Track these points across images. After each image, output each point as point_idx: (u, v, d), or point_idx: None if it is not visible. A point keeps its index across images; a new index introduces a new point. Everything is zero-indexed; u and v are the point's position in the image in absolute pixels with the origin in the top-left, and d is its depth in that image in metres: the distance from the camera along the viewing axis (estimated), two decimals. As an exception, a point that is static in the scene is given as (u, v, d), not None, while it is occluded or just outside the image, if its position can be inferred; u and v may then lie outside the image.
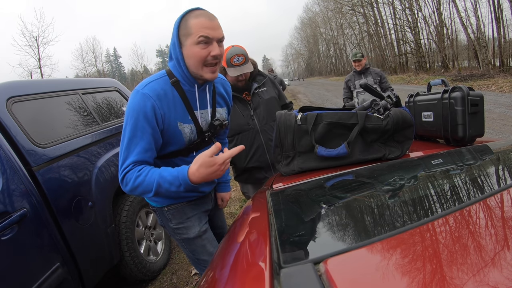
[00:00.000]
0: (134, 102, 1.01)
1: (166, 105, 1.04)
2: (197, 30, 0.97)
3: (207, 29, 0.98)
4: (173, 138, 1.09)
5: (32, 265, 1.43)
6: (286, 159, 1.24)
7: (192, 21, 0.98)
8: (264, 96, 1.84)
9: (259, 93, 1.84)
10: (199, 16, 0.99)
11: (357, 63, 3.72)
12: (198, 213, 1.28)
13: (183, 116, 1.09)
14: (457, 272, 0.39)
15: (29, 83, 1.93)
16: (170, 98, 1.06)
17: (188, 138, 1.12)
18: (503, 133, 4.87)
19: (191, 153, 1.16)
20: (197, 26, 0.97)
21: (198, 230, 1.25)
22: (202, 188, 1.26)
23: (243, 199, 3.61)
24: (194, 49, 1.00)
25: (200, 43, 0.99)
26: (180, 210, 1.24)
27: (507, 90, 9.60)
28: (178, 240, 1.28)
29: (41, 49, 25.74)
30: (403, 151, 1.19)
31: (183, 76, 1.07)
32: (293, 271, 0.44)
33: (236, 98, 1.77)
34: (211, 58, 1.01)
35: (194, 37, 0.98)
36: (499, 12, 15.69)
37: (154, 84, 1.04)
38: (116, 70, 71.02)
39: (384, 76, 3.72)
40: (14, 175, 1.46)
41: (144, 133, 1.00)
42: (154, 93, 1.02)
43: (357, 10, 30.37)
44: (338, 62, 50.64)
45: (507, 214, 0.54)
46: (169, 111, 1.05)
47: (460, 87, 1.23)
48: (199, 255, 1.27)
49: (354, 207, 0.76)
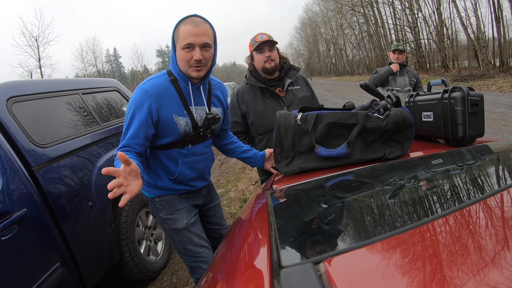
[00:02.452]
0: (134, 96, 1.19)
1: (163, 99, 1.19)
2: (183, 36, 1.14)
3: (191, 36, 1.13)
4: (169, 129, 1.22)
5: (32, 265, 1.43)
6: (286, 159, 1.24)
7: (181, 28, 1.15)
8: (298, 94, 1.80)
9: (293, 90, 1.80)
10: (187, 23, 1.14)
11: (397, 55, 3.23)
12: (187, 206, 1.37)
13: (178, 110, 1.23)
14: (457, 272, 0.39)
15: (29, 83, 1.93)
16: (167, 93, 1.20)
17: (183, 130, 1.24)
18: (503, 133, 4.88)
19: (186, 145, 1.28)
20: (184, 33, 1.14)
21: (186, 222, 1.35)
22: (193, 182, 1.36)
23: (243, 199, 3.61)
24: (181, 53, 1.16)
25: (185, 48, 1.14)
26: (170, 202, 1.34)
27: (507, 90, 9.60)
28: (167, 229, 1.38)
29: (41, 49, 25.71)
30: (403, 151, 1.19)
31: (178, 75, 1.23)
32: (293, 271, 0.44)
33: (268, 93, 1.75)
34: (194, 62, 1.16)
35: (181, 43, 1.15)
36: (499, 12, 15.69)
37: (154, 81, 1.21)
38: (116, 70, 71.00)
39: (420, 80, 3.31)
40: (14, 175, 1.46)
41: (137, 123, 1.16)
42: (152, 89, 1.18)
43: (357, 10, 30.38)
44: (338, 62, 50.62)
45: (507, 214, 0.54)
46: (165, 104, 1.19)
47: (460, 87, 1.23)
48: (185, 244, 1.37)
49: (354, 207, 0.76)
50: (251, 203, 1.03)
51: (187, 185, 1.34)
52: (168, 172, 1.30)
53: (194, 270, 1.41)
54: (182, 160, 1.29)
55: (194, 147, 1.30)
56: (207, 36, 1.16)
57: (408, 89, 3.22)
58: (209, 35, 1.17)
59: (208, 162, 1.42)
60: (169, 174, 1.30)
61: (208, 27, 1.17)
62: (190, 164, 1.31)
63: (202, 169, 1.38)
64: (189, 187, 1.36)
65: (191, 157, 1.31)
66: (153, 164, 1.31)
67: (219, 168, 5.48)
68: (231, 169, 5.20)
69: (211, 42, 1.18)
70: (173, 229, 1.35)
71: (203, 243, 1.39)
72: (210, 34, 1.18)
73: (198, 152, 1.33)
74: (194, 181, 1.36)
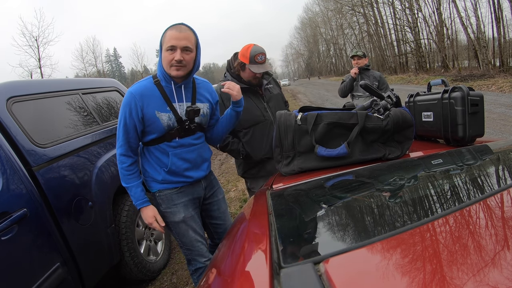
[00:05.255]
0: (124, 99, 1.36)
1: (147, 98, 1.34)
2: (167, 40, 1.29)
3: (174, 39, 1.28)
4: (153, 124, 1.36)
5: (32, 265, 1.43)
6: (286, 159, 1.24)
7: (167, 33, 1.31)
8: (273, 91, 2.00)
9: (269, 88, 1.99)
10: (172, 29, 1.30)
11: (356, 60, 3.45)
12: (185, 201, 1.47)
13: (161, 107, 1.36)
14: (457, 272, 0.39)
15: (29, 83, 1.93)
16: (150, 93, 1.36)
17: (166, 124, 1.37)
18: (503, 133, 4.87)
19: (173, 138, 1.40)
20: (168, 37, 1.29)
21: (183, 216, 1.46)
22: (188, 173, 1.45)
23: (243, 199, 3.61)
24: (164, 54, 1.31)
25: (168, 50, 1.29)
26: (169, 197, 1.45)
27: (507, 90, 9.60)
28: (167, 223, 1.48)
29: (41, 49, 25.71)
30: (403, 151, 1.19)
31: (163, 75, 1.37)
32: (293, 271, 0.44)
33: (250, 92, 1.87)
34: (175, 62, 1.30)
35: (165, 45, 1.30)
36: (499, 12, 15.69)
37: (139, 84, 1.39)
38: (116, 70, 70.97)
39: (383, 82, 3.38)
40: (14, 175, 1.46)
41: (126, 120, 1.34)
42: (137, 90, 1.34)
43: (357, 10, 30.37)
44: (338, 62, 50.62)
45: (507, 214, 0.54)
46: (148, 103, 1.34)
47: (460, 87, 1.23)
48: (181, 237, 1.49)
49: (354, 207, 0.76)
50: (251, 203, 1.03)
51: (182, 176, 1.45)
52: (162, 164, 1.42)
53: (191, 262, 1.55)
54: (172, 152, 1.41)
55: (182, 140, 1.42)
56: (188, 40, 1.30)
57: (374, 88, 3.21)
58: (190, 40, 1.31)
59: (200, 152, 1.49)
60: (164, 167, 1.42)
61: (190, 33, 1.32)
62: (180, 155, 1.42)
63: (195, 159, 1.47)
64: (185, 178, 1.45)
65: (180, 149, 1.42)
66: (150, 159, 1.44)
67: (219, 168, 5.48)
68: (231, 169, 5.20)
69: (192, 47, 1.32)
70: (171, 222, 1.47)
71: (198, 238, 1.50)
72: (192, 40, 1.32)
73: (187, 144, 1.44)
74: (189, 171, 1.46)
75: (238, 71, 1.84)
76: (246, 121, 1.84)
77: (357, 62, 3.48)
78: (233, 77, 1.88)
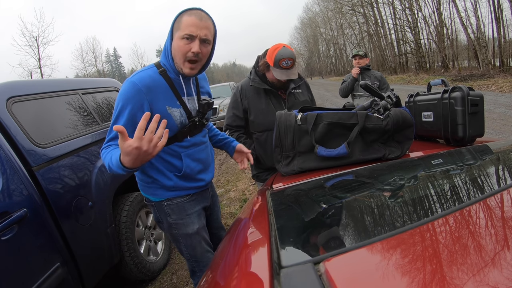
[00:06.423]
0: (123, 90, 1.11)
1: (154, 92, 1.13)
2: (185, 26, 1.08)
3: (193, 27, 1.07)
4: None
5: (32, 265, 1.43)
6: (286, 159, 1.24)
7: (184, 18, 1.09)
8: (300, 98, 1.82)
9: (295, 94, 1.81)
10: (191, 15, 1.09)
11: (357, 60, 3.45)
12: (198, 210, 1.33)
13: (171, 101, 1.18)
14: (457, 272, 0.39)
15: (29, 83, 1.93)
16: (158, 85, 1.15)
17: (179, 121, 1.20)
18: (503, 133, 4.87)
19: (185, 137, 1.23)
20: (186, 23, 1.08)
21: (197, 227, 1.31)
22: (200, 175, 1.31)
23: (243, 199, 3.61)
24: (179, 43, 1.10)
25: (184, 39, 1.09)
26: (180, 207, 1.28)
27: (507, 90, 9.60)
28: (175, 234, 1.31)
29: (41, 49, 25.68)
30: (403, 151, 1.19)
31: (169, 66, 1.17)
32: (293, 271, 0.44)
33: (271, 93, 1.76)
34: (192, 55, 1.10)
35: (181, 32, 1.09)
36: (499, 12, 15.68)
37: (143, 73, 1.14)
38: (116, 70, 70.92)
39: (384, 82, 3.38)
40: (14, 175, 1.46)
41: (125, 117, 1.09)
42: (142, 81, 1.11)
43: (357, 10, 30.35)
44: (338, 62, 50.59)
45: (507, 214, 0.54)
46: (157, 97, 1.14)
47: (460, 87, 1.23)
48: (192, 250, 1.33)
49: (354, 207, 0.76)
50: (251, 203, 1.03)
51: (195, 179, 1.28)
52: (174, 169, 1.24)
53: (196, 274, 1.38)
54: (184, 153, 1.23)
55: (193, 138, 1.26)
56: (209, 31, 1.12)
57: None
58: (211, 31, 1.13)
59: (208, 151, 1.39)
60: (176, 171, 1.24)
61: (211, 23, 1.13)
62: (193, 156, 1.26)
63: (206, 159, 1.34)
64: (198, 182, 1.30)
65: (192, 148, 1.26)
66: (157, 164, 1.22)
67: (219, 168, 5.48)
68: (231, 169, 5.20)
69: (211, 39, 1.14)
70: (183, 234, 1.29)
71: (208, 248, 1.37)
72: (212, 31, 1.14)
73: (198, 142, 1.29)
74: (201, 173, 1.31)
75: (263, 70, 1.73)
76: (261, 125, 1.75)
77: (359, 61, 3.48)
78: (257, 75, 1.77)
